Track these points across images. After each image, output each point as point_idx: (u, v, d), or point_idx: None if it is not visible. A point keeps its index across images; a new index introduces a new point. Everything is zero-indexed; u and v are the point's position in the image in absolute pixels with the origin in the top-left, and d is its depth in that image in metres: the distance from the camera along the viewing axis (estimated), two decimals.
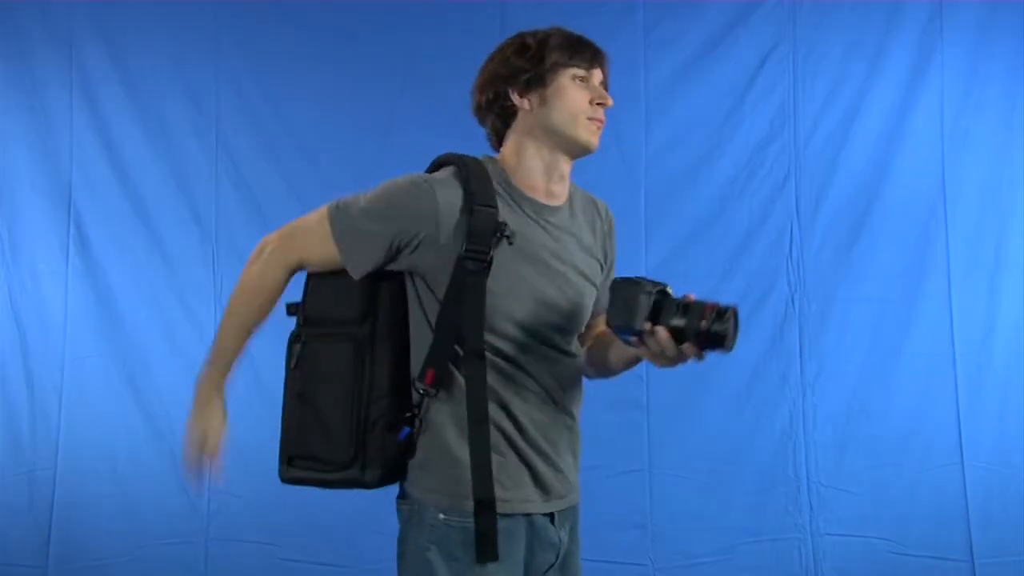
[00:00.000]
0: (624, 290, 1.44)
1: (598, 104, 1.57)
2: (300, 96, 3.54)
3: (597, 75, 1.60)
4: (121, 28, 3.54)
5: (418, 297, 1.54)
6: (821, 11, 3.45)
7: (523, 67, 1.57)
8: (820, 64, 3.44)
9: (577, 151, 1.59)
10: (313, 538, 3.33)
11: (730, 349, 1.42)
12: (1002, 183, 3.38)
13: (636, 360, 1.60)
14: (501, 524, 1.49)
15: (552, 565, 1.59)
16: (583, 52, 1.58)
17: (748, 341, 3.02)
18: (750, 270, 3.40)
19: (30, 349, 3.44)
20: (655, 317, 1.43)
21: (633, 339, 1.46)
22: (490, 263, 1.48)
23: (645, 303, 1.43)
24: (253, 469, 3.38)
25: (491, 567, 1.49)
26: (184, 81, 3.54)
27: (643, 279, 1.46)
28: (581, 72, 1.57)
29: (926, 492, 3.28)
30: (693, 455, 3.34)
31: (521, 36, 1.61)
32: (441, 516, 1.50)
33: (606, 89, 1.61)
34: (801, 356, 3.36)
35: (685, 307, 1.43)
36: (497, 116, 1.61)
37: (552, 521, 1.58)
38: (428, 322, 1.52)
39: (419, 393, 1.52)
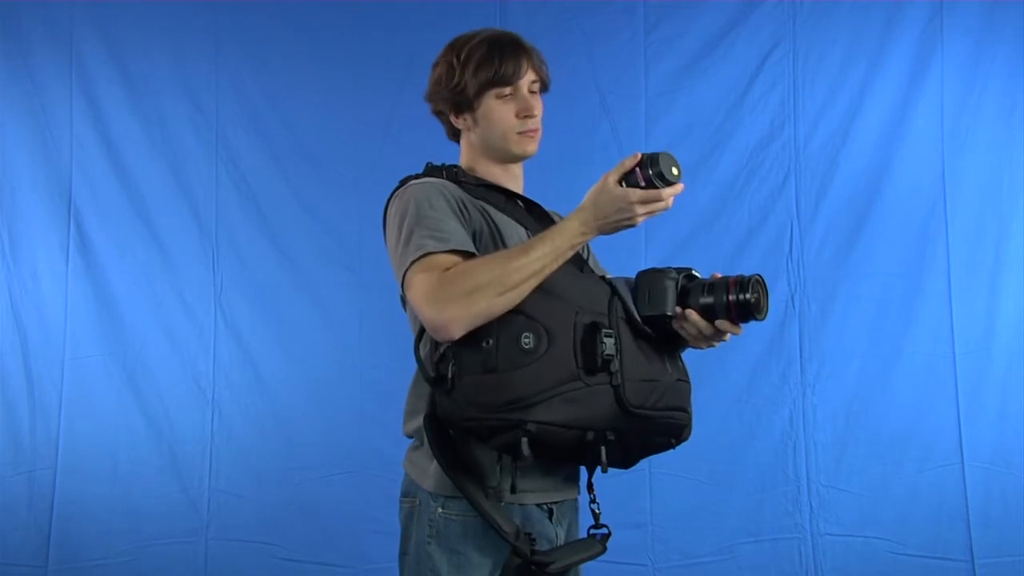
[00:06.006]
0: (648, 279, 1.46)
1: (526, 117, 1.61)
2: (300, 95, 3.55)
3: (525, 83, 1.63)
4: (121, 28, 3.54)
5: None
6: (821, 11, 3.45)
7: (450, 97, 1.62)
8: (820, 64, 3.44)
9: (518, 159, 1.66)
10: (314, 538, 3.33)
11: (764, 317, 1.46)
12: (1002, 183, 3.38)
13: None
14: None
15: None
16: (503, 68, 1.60)
17: (748, 341, 3.03)
18: (750, 270, 3.38)
19: (30, 349, 3.44)
20: (683, 301, 1.46)
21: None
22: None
23: (672, 288, 1.45)
24: (253, 469, 3.40)
25: (488, 561, 1.50)
26: (184, 81, 3.54)
27: (667, 268, 1.49)
28: (505, 91, 1.61)
29: (926, 492, 3.28)
30: (693, 455, 3.32)
31: (450, 52, 1.64)
32: (440, 510, 1.51)
33: (542, 86, 1.65)
34: (801, 356, 3.36)
35: (711, 286, 1.46)
36: (446, 125, 1.69)
37: (550, 517, 1.58)
38: None
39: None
